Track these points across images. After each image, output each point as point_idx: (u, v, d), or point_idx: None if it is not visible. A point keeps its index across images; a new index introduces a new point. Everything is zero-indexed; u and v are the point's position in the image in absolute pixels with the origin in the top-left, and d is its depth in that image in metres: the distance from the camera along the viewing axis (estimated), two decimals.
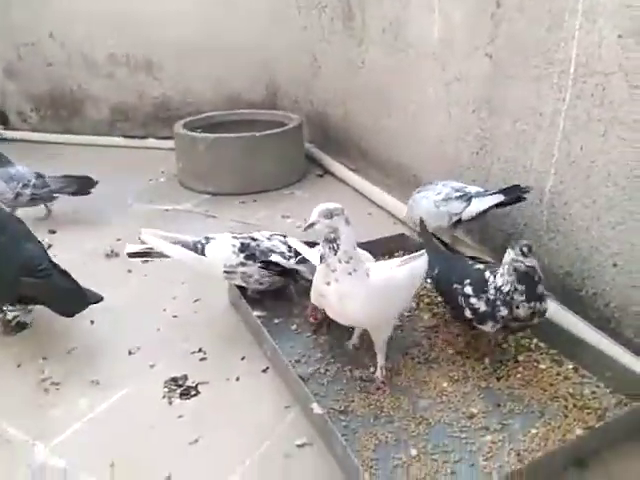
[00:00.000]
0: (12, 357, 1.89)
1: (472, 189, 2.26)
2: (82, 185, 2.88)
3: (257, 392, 1.73)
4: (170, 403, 1.69)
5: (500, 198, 2.12)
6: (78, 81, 4.20)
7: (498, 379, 1.72)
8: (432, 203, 2.29)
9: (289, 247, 2.05)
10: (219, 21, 3.89)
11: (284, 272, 2.01)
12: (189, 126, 3.47)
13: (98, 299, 1.96)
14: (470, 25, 2.32)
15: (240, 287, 2.07)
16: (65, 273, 1.96)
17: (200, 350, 1.90)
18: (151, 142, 4.03)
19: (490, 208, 2.16)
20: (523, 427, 1.54)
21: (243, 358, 1.87)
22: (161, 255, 1.98)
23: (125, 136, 4.13)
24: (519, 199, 2.10)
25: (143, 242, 2.01)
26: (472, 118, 2.37)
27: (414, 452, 1.47)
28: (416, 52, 2.69)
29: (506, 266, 1.66)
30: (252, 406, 1.68)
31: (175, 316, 2.10)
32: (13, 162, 2.89)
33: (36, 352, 1.90)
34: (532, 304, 1.65)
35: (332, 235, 1.57)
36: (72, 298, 1.93)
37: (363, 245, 2.04)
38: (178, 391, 1.72)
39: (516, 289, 1.65)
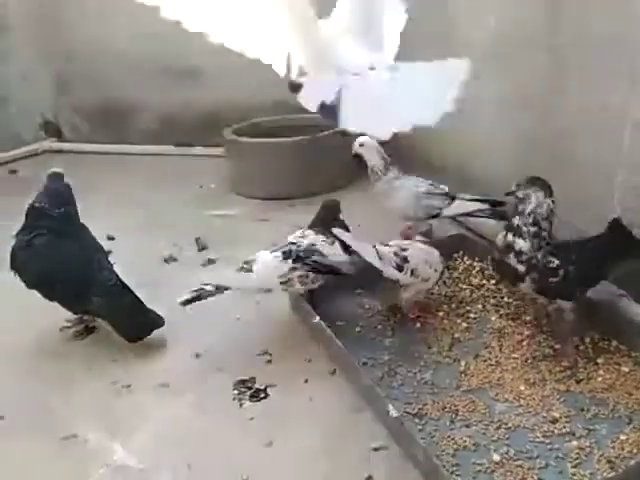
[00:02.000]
0: (83, 360, 1.92)
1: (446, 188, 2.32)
2: None
3: (326, 394, 1.71)
4: (241, 405, 1.68)
5: (485, 206, 2.21)
6: (126, 91, 4.30)
7: (578, 382, 1.65)
8: (413, 194, 2.26)
9: (326, 237, 1.99)
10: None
11: (327, 270, 1.95)
12: (238, 132, 3.50)
13: (160, 324, 1.96)
14: (528, 18, 2.25)
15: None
16: (133, 293, 1.96)
17: (266, 352, 1.90)
18: (200, 150, 4.08)
19: (473, 213, 2.24)
20: (611, 433, 1.46)
21: (309, 360, 1.85)
22: (211, 294, 1.89)
23: (175, 144, 4.20)
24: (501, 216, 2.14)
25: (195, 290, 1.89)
26: (533, 116, 2.30)
27: (497, 457, 1.41)
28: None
29: None
30: (323, 408, 1.65)
31: (238, 318, 2.11)
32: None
33: (106, 355, 1.93)
34: (506, 234, 1.72)
35: None
36: (137, 322, 1.93)
37: None
38: (248, 393, 1.72)
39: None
